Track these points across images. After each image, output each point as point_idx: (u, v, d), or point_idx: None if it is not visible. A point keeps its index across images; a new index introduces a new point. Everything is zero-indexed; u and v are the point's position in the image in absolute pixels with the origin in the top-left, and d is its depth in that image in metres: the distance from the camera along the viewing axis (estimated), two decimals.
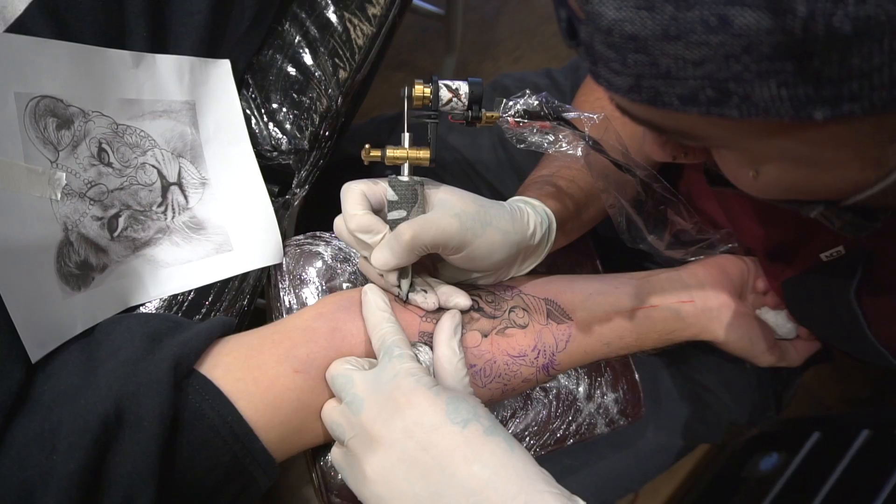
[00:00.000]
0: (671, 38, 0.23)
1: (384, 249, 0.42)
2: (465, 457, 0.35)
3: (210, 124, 0.54)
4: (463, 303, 0.46)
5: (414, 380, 0.38)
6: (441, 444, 0.36)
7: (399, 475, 0.36)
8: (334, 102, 0.60)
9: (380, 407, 0.37)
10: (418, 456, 0.36)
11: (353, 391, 0.38)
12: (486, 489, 0.34)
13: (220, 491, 0.39)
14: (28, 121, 0.41)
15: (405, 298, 0.46)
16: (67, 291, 0.42)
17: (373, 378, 0.39)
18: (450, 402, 0.37)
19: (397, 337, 0.41)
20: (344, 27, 0.62)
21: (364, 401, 0.38)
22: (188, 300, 0.51)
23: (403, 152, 0.44)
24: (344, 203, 0.44)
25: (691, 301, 0.54)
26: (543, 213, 0.49)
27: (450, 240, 0.42)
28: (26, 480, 0.33)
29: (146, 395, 0.36)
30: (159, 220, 0.50)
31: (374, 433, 0.37)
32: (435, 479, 0.35)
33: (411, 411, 0.37)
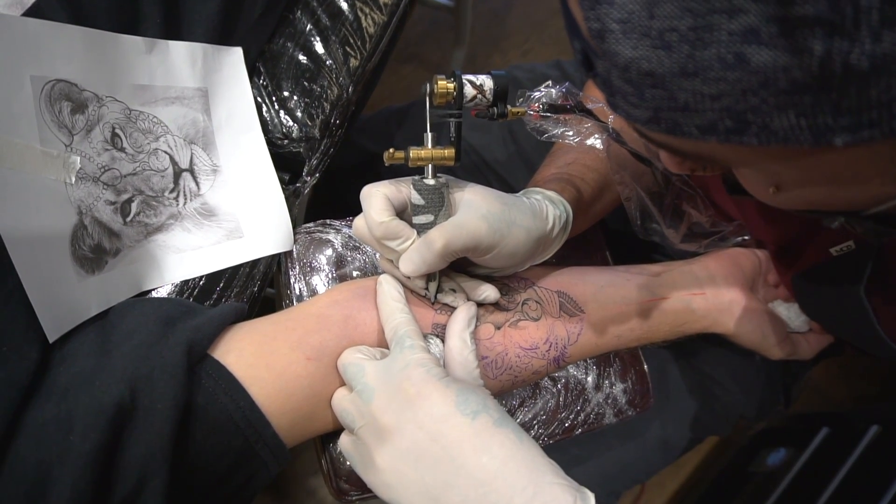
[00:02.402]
0: (688, 74, 0.23)
1: (415, 256, 0.41)
2: (475, 448, 0.35)
3: (222, 111, 0.54)
4: (493, 295, 0.46)
5: (424, 370, 0.38)
6: (451, 435, 0.36)
7: (409, 464, 0.36)
8: (345, 91, 0.60)
9: (390, 397, 0.37)
10: (428, 446, 0.36)
11: (364, 380, 0.39)
12: (494, 480, 0.34)
13: (231, 475, 0.40)
14: (43, 104, 0.41)
15: (433, 300, 0.45)
16: (82, 274, 0.43)
17: (384, 368, 0.39)
18: (459, 393, 0.37)
19: (410, 328, 0.41)
20: (355, 15, 0.62)
21: (375, 390, 0.38)
22: (199, 286, 0.51)
23: (428, 153, 0.41)
24: (367, 209, 0.42)
25: (703, 294, 0.53)
26: (562, 206, 0.49)
27: (480, 243, 0.41)
28: (44, 460, 0.33)
29: (160, 379, 0.36)
30: (171, 205, 0.51)
31: (384, 423, 0.37)
32: (444, 470, 0.35)
33: (421, 402, 0.37)
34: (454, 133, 0.42)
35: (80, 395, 0.35)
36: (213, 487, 0.39)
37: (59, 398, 0.35)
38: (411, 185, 0.42)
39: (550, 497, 0.34)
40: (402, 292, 0.44)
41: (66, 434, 0.33)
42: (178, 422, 0.36)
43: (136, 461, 0.34)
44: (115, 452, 0.34)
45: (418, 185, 0.42)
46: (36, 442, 0.34)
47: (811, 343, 0.56)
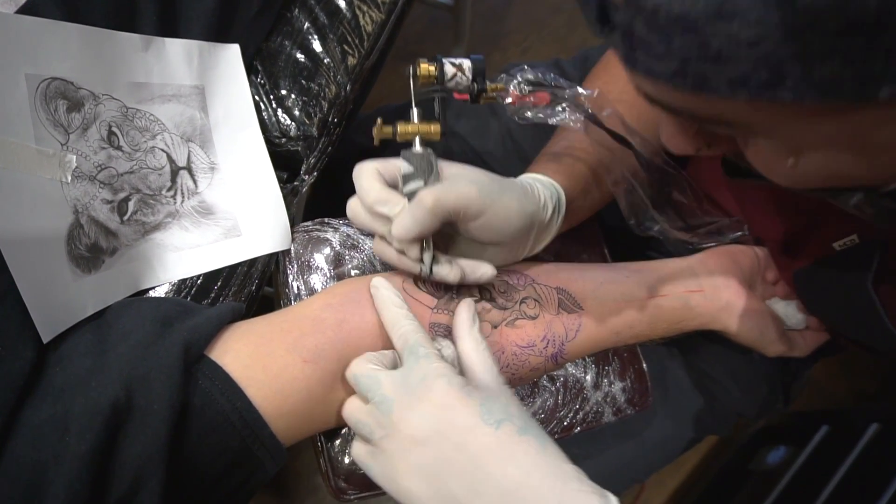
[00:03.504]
0: (726, 16, 0.22)
1: (405, 217, 0.41)
2: (499, 458, 0.35)
3: (219, 109, 0.54)
4: (489, 272, 0.46)
5: (445, 381, 0.37)
6: (475, 445, 0.36)
7: (434, 474, 0.36)
8: (343, 89, 0.60)
9: (412, 409, 0.37)
10: (453, 456, 0.36)
11: (381, 392, 0.38)
12: (519, 489, 0.34)
13: (228, 475, 0.39)
14: (39, 103, 0.41)
15: (429, 272, 0.45)
16: (78, 274, 0.42)
17: (401, 379, 0.38)
18: (483, 403, 0.37)
19: (419, 335, 0.40)
20: (353, 13, 0.62)
21: (394, 402, 0.37)
22: (197, 285, 0.51)
23: (414, 127, 0.44)
24: (358, 181, 0.44)
25: (701, 291, 0.53)
26: (552, 187, 0.49)
27: (470, 203, 0.42)
28: (39, 461, 0.33)
29: (156, 379, 0.36)
30: (169, 204, 0.50)
31: (407, 433, 0.37)
32: (470, 479, 0.35)
33: (445, 413, 0.36)
34: (439, 110, 0.45)
35: (75, 396, 0.35)
36: (210, 488, 0.39)
37: (55, 398, 0.35)
38: (400, 156, 0.44)
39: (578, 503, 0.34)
40: (401, 295, 0.44)
41: (62, 435, 0.33)
42: (174, 422, 0.35)
43: (132, 462, 0.34)
44: (111, 453, 0.34)
45: (407, 153, 0.44)
46: (32, 443, 0.34)
47: (807, 340, 0.56)
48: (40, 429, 0.34)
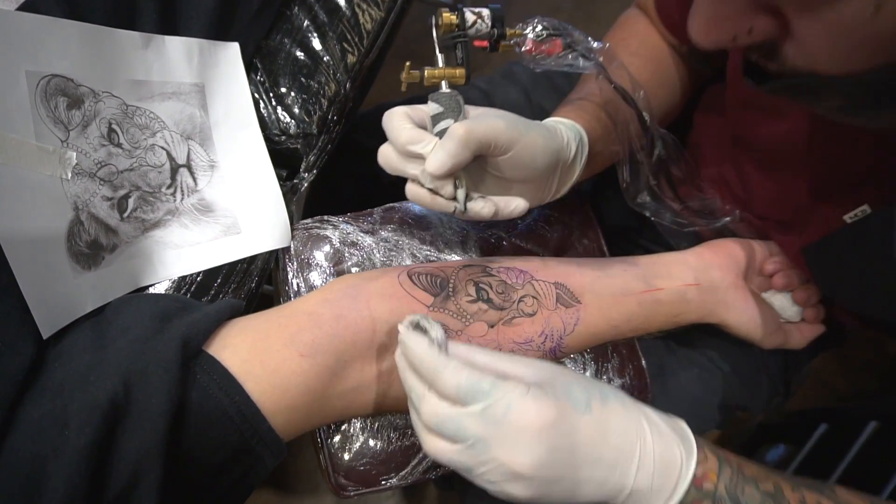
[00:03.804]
0: None
1: (439, 152, 0.42)
2: (604, 439, 0.38)
3: (219, 107, 0.54)
4: (521, 205, 0.46)
5: (531, 399, 0.37)
6: (584, 438, 0.37)
7: (555, 478, 0.37)
8: (343, 87, 0.60)
9: (512, 440, 0.36)
10: (570, 459, 0.37)
11: (472, 433, 0.37)
12: (626, 452, 0.38)
13: (226, 470, 0.40)
14: (39, 99, 0.41)
15: (464, 209, 0.45)
16: (78, 270, 0.43)
17: (484, 417, 0.37)
18: (567, 396, 0.38)
19: (470, 373, 0.38)
20: (352, 11, 0.62)
21: (491, 439, 0.36)
22: (197, 282, 0.51)
23: (440, 71, 0.47)
24: (389, 124, 0.45)
25: (697, 284, 0.53)
26: (575, 129, 0.50)
27: (499, 136, 0.42)
28: (39, 455, 0.33)
29: (154, 374, 0.36)
30: (168, 201, 0.50)
31: (516, 464, 0.36)
32: (588, 467, 0.37)
33: (550, 429, 0.37)
34: (463, 55, 0.47)
35: (74, 391, 0.35)
36: (209, 482, 0.39)
37: (54, 393, 0.35)
38: (428, 99, 0.46)
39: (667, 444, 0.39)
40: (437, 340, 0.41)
41: (61, 429, 0.33)
42: (172, 417, 0.36)
43: (130, 456, 0.34)
44: (109, 447, 0.34)
45: (435, 95, 0.46)
46: (31, 437, 0.34)
47: (803, 333, 0.57)
48: (39, 423, 0.34)
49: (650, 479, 0.38)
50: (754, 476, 0.41)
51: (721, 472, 0.40)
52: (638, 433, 0.39)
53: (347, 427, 0.50)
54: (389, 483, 0.51)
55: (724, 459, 0.41)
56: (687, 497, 0.39)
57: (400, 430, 0.51)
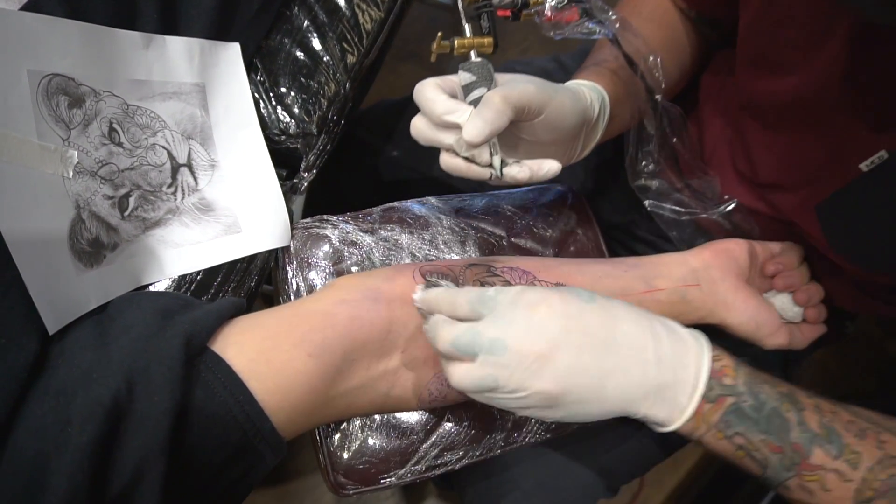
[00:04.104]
0: None
1: (476, 120, 0.42)
2: (614, 323, 0.39)
3: (220, 107, 0.54)
4: (555, 166, 0.47)
5: (533, 291, 0.39)
6: (593, 321, 0.39)
7: (579, 367, 0.38)
8: (342, 87, 0.61)
9: (525, 329, 0.38)
10: (585, 341, 0.38)
11: (486, 337, 0.38)
12: (640, 338, 0.39)
13: (228, 467, 0.40)
14: (40, 98, 0.41)
15: (500, 174, 0.46)
16: (81, 268, 0.43)
17: (495, 319, 0.39)
18: (568, 290, 0.41)
19: (480, 289, 0.41)
20: (352, 12, 0.62)
21: (505, 337, 0.38)
22: (197, 281, 0.51)
23: (469, 41, 0.47)
24: (422, 96, 0.45)
25: (697, 285, 0.54)
26: (596, 89, 0.51)
27: (532, 99, 0.44)
28: (41, 452, 0.33)
29: (157, 371, 0.36)
30: (169, 200, 0.51)
31: (534, 351, 0.37)
32: (604, 352, 0.38)
33: (556, 311, 0.39)
34: (489, 25, 0.47)
35: (77, 388, 0.35)
36: (211, 480, 0.39)
37: (57, 391, 0.35)
38: (459, 69, 0.47)
39: (678, 337, 0.40)
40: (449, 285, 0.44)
41: (64, 426, 0.34)
42: (175, 414, 0.36)
43: (133, 453, 0.34)
44: (112, 444, 0.35)
45: (466, 65, 0.46)
46: (34, 434, 0.34)
47: (805, 333, 0.57)
48: (42, 420, 0.34)
49: (671, 370, 0.39)
50: (769, 380, 0.42)
51: (738, 368, 0.41)
52: (649, 326, 0.40)
53: (347, 426, 0.51)
54: (388, 482, 0.51)
55: (739, 360, 0.42)
56: (710, 392, 0.39)
57: (399, 430, 0.51)
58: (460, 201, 0.62)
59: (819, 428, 0.40)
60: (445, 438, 0.52)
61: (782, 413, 0.40)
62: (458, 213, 0.60)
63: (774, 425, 0.40)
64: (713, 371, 0.40)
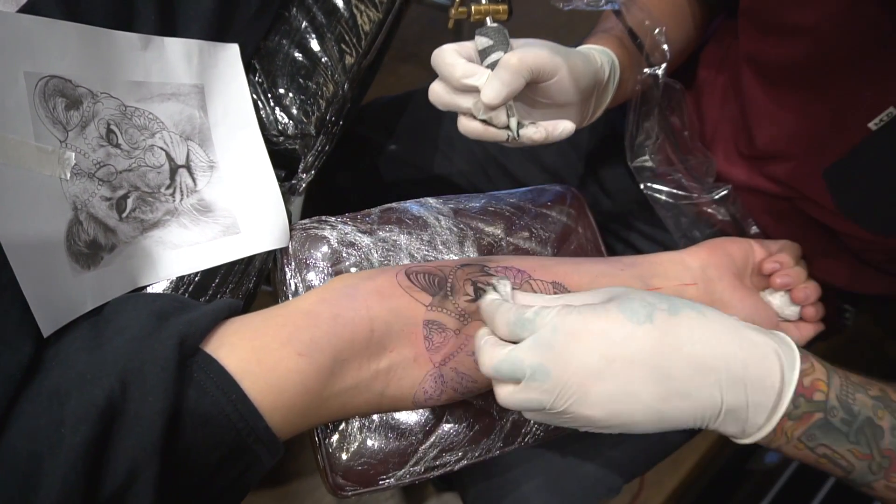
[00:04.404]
0: None
1: (494, 82, 0.43)
2: (673, 347, 0.36)
3: (218, 108, 0.54)
4: (569, 126, 0.48)
5: (574, 314, 0.37)
6: (644, 347, 0.36)
7: (621, 397, 0.36)
8: (341, 88, 0.61)
9: (565, 358, 0.36)
10: (630, 370, 0.36)
11: (527, 364, 0.37)
12: (709, 360, 0.36)
13: (223, 468, 0.40)
14: (37, 100, 0.41)
15: (517, 136, 0.47)
16: (77, 269, 0.43)
17: (535, 344, 0.37)
18: (619, 307, 0.37)
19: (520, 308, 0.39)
20: (350, 13, 0.62)
21: (545, 364, 0.36)
22: (195, 282, 0.51)
23: (486, 7, 0.50)
24: (440, 61, 0.46)
25: (694, 284, 0.54)
26: (606, 53, 0.53)
27: (547, 61, 0.45)
28: (35, 453, 0.33)
29: (151, 372, 0.36)
30: (167, 202, 0.51)
31: (577, 383, 0.36)
32: (656, 381, 0.36)
33: (600, 339, 0.36)
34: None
35: (71, 389, 0.35)
36: (206, 480, 0.39)
37: (51, 392, 0.35)
38: (476, 34, 0.48)
39: (760, 354, 0.36)
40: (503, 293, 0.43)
41: (58, 427, 0.34)
42: (169, 415, 0.36)
43: (127, 454, 0.34)
44: (106, 445, 0.35)
45: (483, 30, 0.47)
46: (28, 435, 0.34)
47: (802, 331, 0.56)
48: (36, 421, 0.34)
49: (744, 394, 0.36)
50: (861, 382, 0.39)
51: (830, 380, 0.38)
52: (722, 345, 0.36)
53: (345, 427, 0.51)
54: (387, 483, 0.51)
55: (832, 368, 0.39)
56: (796, 410, 0.36)
57: (398, 430, 0.51)
58: (459, 202, 0.62)
59: None
60: (444, 439, 0.52)
61: (875, 422, 0.37)
62: (456, 213, 0.60)
63: (865, 436, 0.37)
64: (802, 386, 0.37)
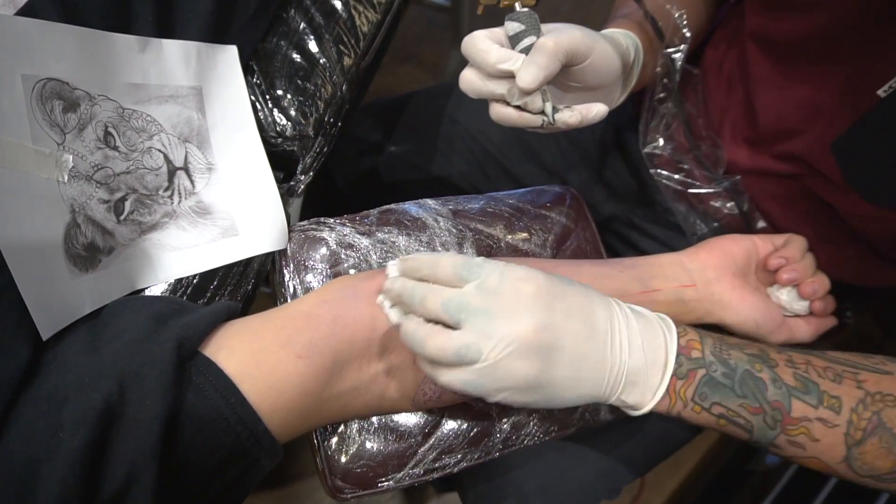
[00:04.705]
0: None
1: (530, 66, 0.43)
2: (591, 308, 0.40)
3: (217, 110, 0.54)
4: (603, 109, 0.48)
5: (520, 266, 0.40)
6: (575, 303, 0.40)
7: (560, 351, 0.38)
8: (339, 89, 0.60)
9: (513, 304, 0.38)
10: (568, 324, 0.39)
11: (474, 306, 0.37)
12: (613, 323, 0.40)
13: (222, 471, 0.40)
14: (35, 103, 0.41)
15: (552, 120, 0.47)
16: (75, 272, 0.43)
17: (484, 288, 0.38)
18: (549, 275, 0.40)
19: (465, 256, 0.40)
20: (349, 14, 0.62)
21: (492, 309, 0.37)
22: (193, 284, 0.51)
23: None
24: (473, 47, 0.46)
25: (693, 285, 0.53)
26: (629, 36, 0.53)
27: (580, 44, 0.45)
28: (32, 457, 0.33)
29: (149, 375, 0.36)
30: (166, 204, 0.51)
31: (520, 330, 0.37)
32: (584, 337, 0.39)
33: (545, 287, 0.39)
34: None
35: (69, 393, 0.35)
36: (205, 484, 0.39)
37: (49, 396, 0.35)
38: (507, 20, 0.47)
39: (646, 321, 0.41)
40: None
41: (56, 431, 0.33)
42: (167, 418, 0.35)
43: (125, 458, 0.34)
44: (104, 449, 0.34)
45: (515, 15, 0.47)
46: (25, 439, 0.34)
47: (811, 325, 0.56)
48: (34, 425, 0.34)
49: (642, 354, 0.40)
50: (737, 343, 0.42)
51: (703, 340, 0.42)
52: (620, 310, 0.41)
53: (344, 429, 0.50)
54: (387, 485, 0.51)
55: (705, 332, 0.43)
56: (680, 368, 0.40)
57: (397, 433, 0.51)
58: (457, 203, 0.62)
59: (794, 381, 0.40)
60: (443, 441, 0.52)
61: (755, 374, 0.40)
62: (455, 214, 0.60)
63: (749, 388, 0.40)
64: (680, 347, 0.41)
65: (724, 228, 0.63)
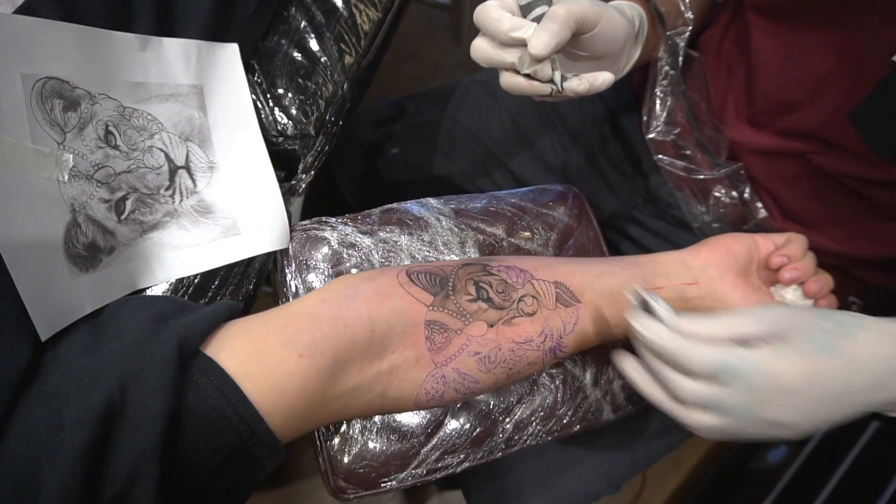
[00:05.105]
0: None
1: (542, 34, 0.44)
2: (862, 372, 0.39)
3: (218, 108, 0.54)
4: (609, 77, 0.49)
5: (781, 359, 0.39)
6: (843, 379, 0.39)
7: (810, 420, 0.39)
8: (340, 88, 0.60)
9: (776, 402, 0.39)
10: (836, 401, 0.39)
11: (736, 405, 0.39)
12: (887, 374, 0.39)
13: (224, 470, 0.39)
14: (35, 102, 0.41)
15: (560, 88, 0.48)
16: (76, 272, 0.42)
17: (744, 390, 0.39)
18: (811, 344, 0.39)
19: (716, 351, 0.40)
20: (350, 12, 0.62)
21: (755, 404, 0.39)
22: (194, 284, 0.51)
23: None
24: (486, 15, 0.47)
25: (696, 283, 0.53)
26: (634, 7, 0.55)
27: (590, 12, 0.46)
28: (33, 458, 0.33)
29: (150, 375, 0.36)
30: (167, 203, 0.50)
31: (785, 420, 0.39)
32: (838, 404, 0.39)
33: (809, 383, 0.38)
34: None
35: (70, 393, 0.35)
36: (207, 484, 0.39)
37: (50, 396, 0.35)
38: None
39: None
40: (668, 321, 0.43)
41: (56, 431, 0.33)
42: (168, 418, 0.35)
43: (126, 458, 0.34)
44: (105, 450, 0.34)
45: None
46: (26, 440, 0.34)
47: None
48: (35, 426, 0.34)
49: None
50: None
51: None
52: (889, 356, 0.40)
53: (347, 429, 0.50)
54: (389, 485, 0.50)
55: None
56: None
57: (400, 433, 0.51)
58: (460, 202, 0.61)
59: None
60: (446, 441, 0.52)
61: None
62: (457, 213, 0.60)
63: None
64: None
65: (726, 217, 0.63)
